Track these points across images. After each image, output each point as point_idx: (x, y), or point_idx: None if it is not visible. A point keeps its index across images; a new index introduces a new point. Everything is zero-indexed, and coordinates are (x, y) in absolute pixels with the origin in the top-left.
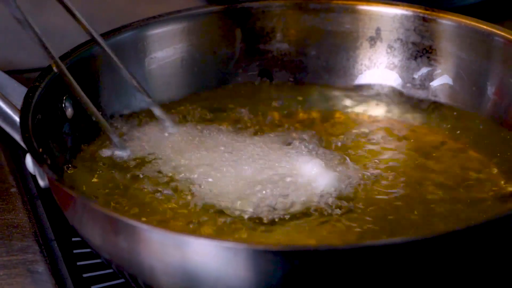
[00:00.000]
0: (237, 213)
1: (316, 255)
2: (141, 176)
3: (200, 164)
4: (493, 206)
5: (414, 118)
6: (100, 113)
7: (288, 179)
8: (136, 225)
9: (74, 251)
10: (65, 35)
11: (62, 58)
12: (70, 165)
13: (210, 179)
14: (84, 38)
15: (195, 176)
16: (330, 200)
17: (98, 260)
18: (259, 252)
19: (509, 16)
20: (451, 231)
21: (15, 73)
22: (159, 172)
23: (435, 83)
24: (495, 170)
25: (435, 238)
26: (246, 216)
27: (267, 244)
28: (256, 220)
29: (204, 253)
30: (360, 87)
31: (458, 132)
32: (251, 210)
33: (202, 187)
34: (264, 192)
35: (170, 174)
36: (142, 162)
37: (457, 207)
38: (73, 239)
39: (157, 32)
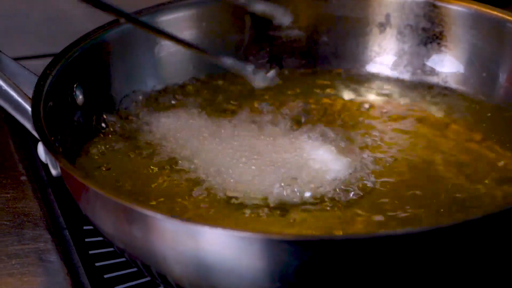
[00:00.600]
0: (247, 201)
1: (332, 244)
2: (152, 162)
3: (210, 151)
4: (505, 193)
5: (424, 104)
6: (111, 98)
7: (299, 166)
8: (150, 215)
9: (86, 240)
10: (72, 20)
11: (73, 45)
12: (81, 153)
13: (220, 167)
14: (90, 23)
15: (206, 163)
16: (342, 187)
17: (111, 249)
18: (275, 241)
19: None
20: (470, 219)
21: (20, 60)
22: (171, 159)
23: (445, 70)
24: (507, 156)
25: (453, 227)
26: (256, 203)
27: (282, 233)
28: (267, 208)
29: (219, 242)
30: (370, 73)
31: (469, 118)
32: (262, 197)
33: (213, 174)
34: (275, 179)
35: (180, 161)
36: (153, 148)
37: (472, 194)
38: (85, 227)
39: (167, 18)
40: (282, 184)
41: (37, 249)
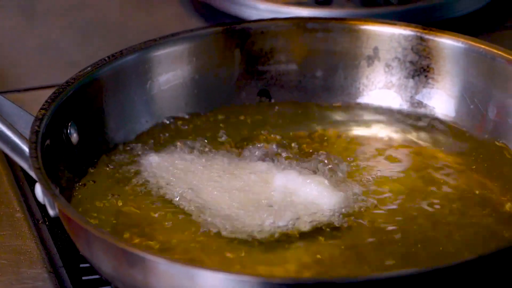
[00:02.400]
0: (238, 236)
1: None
2: (145, 199)
3: (202, 187)
4: (495, 229)
5: (412, 137)
6: (106, 136)
7: (291, 200)
8: (149, 258)
9: (83, 278)
10: (59, 50)
11: (65, 86)
12: (78, 191)
13: (211, 203)
14: (79, 53)
15: (198, 199)
16: (334, 220)
17: (108, 287)
18: (276, 285)
19: (498, 26)
20: (462, 262)
21: (10, 92)
22: (162, 195)
23: (433, 102)
24: (495, 191)
25: (446, 269)
26: (247, 239)
27: (282, 277)
28: (258, 243)
29: (220, 286)
30: (358, 106)
31: (458, 152)
32: (253, 233)
33: (204, 209)
34: (267, 213)
35: (174, 199)
36: (145, 185)
37: (461, 228)
38: (81, 265)
39: (158, 54)
40: (274, 219)
41: None
